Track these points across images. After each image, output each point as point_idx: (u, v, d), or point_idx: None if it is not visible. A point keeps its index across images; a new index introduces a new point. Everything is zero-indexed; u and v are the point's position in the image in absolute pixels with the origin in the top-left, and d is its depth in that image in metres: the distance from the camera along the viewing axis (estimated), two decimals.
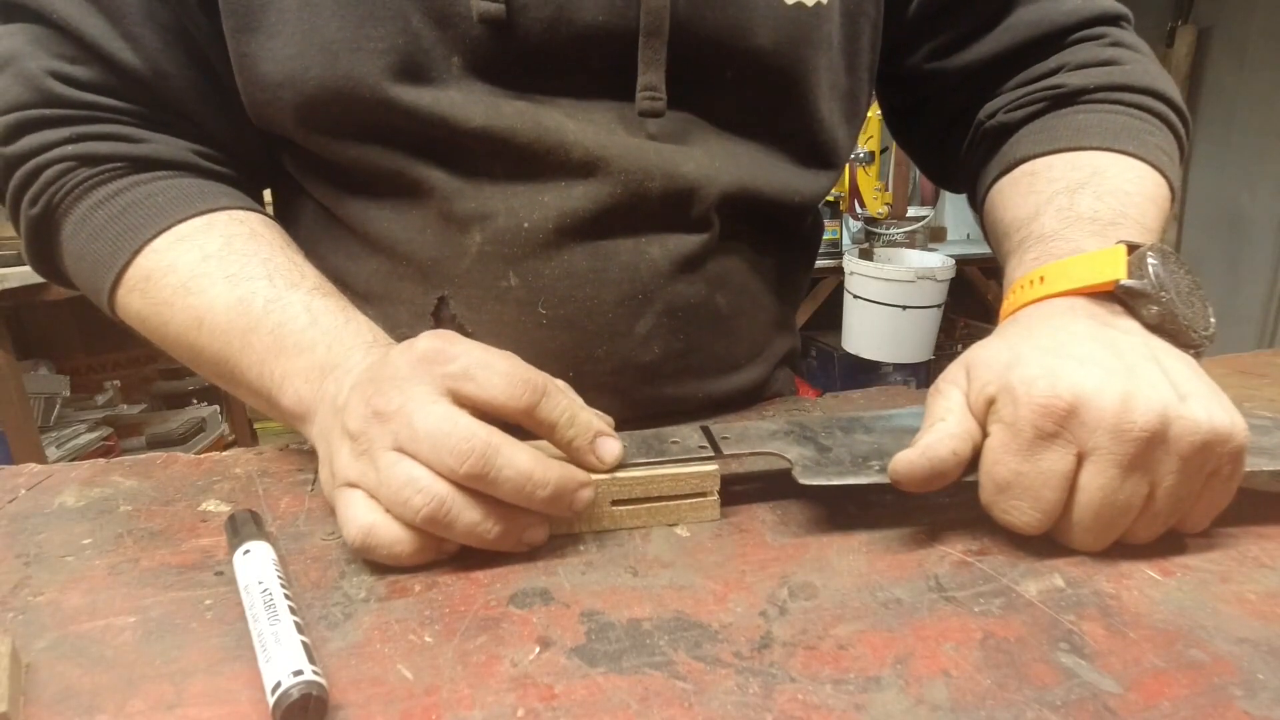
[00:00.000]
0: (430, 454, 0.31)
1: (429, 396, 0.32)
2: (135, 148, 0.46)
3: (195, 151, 0.48)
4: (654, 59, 0.45)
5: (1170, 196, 0.49)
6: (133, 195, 0.45)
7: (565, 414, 0.34)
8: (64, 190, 0.45)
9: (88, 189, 0.45)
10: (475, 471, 0.31)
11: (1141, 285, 0.36)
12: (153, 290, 0.43)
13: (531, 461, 0.32)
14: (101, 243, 0.44)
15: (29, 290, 1.53)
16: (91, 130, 0.45)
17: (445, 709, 0.25)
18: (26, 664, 0.27)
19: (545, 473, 0.32)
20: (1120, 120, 0.51)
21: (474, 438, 0.31)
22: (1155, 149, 0.49)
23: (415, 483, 0.31)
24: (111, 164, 0.45)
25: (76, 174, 0.45)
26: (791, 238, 0.58)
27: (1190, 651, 0.27)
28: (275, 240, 0.46)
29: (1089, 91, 0.52)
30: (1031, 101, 0.54)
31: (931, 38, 0.56)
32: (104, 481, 0.42)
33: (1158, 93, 0.52)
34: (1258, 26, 2.54)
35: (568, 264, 0.46)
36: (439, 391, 0.32)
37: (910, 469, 0.33)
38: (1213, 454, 0.31)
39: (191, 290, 0.42)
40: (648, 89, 0.45)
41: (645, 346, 0.49)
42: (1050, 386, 0.31)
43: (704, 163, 0.47)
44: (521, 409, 0.33)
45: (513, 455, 0.31)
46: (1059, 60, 0.55)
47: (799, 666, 0.26)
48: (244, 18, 0.43)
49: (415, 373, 0.33)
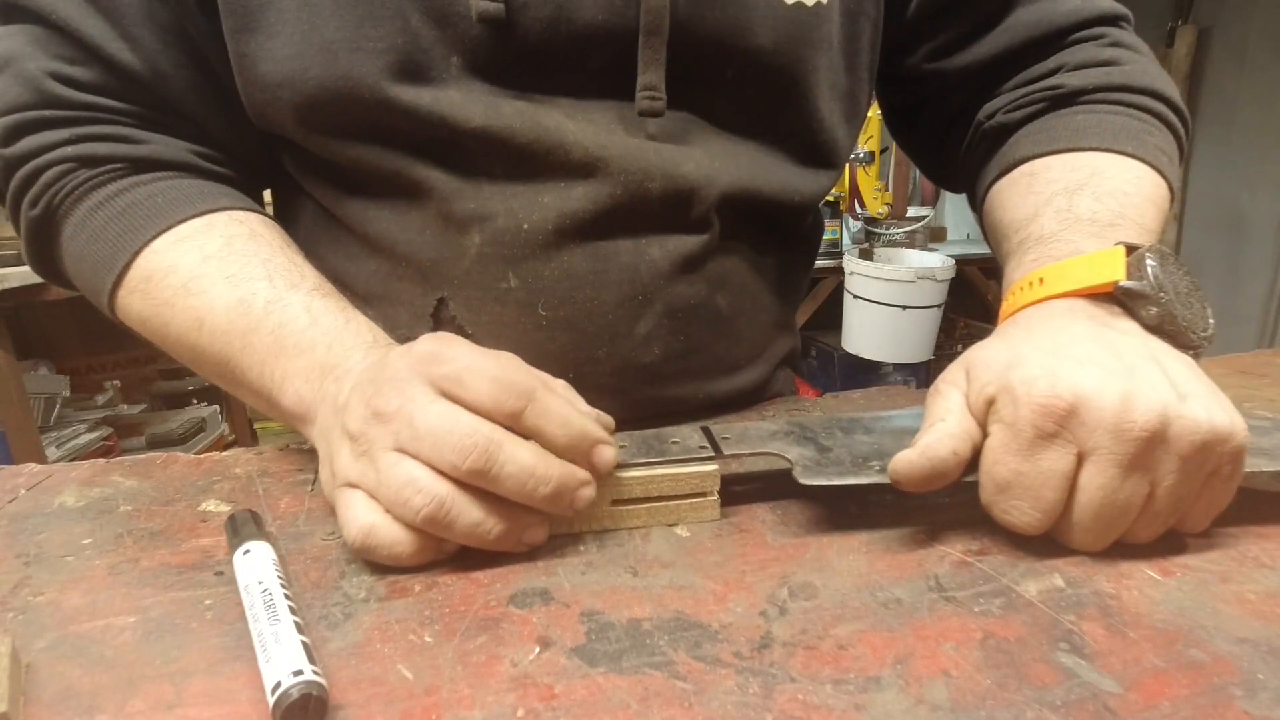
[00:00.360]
0: (432, 452, 0.31)
1: (428, 396, 0.32)
2: (135, 149, 0.46)
3: (194, 152, 0.48)
4: (654, 58, 0.45)
5: (1169, 197, 0.49)
6: (132, 196, 0.45)
7: (557, 420, 0.33)
8: (64, 192, 0.45)
9: (87, 190, 0.45)
10: (478, 467, 0.31)
11: (1140, 286, 0.36)
12: (153, 291, 0.43)
13: (534, 458, 0.32)
14: (101, 244, 0.44)
15: (29, 290, 1.53)
16: (91, 131, 0.45)
17: (445, 709, 0.25)
18: (26, 664, 0.27)
19: (548, 469, 0.32)
20: (1119, 121, 0.51)
21: (476, 434, 0.31)
22: (1154, 149, 0.49)
23: (415, 483, 0.31)
24: (111, 165, 0.45)
25: (76, 175, 0.45)
26: (792, 237, 0.58)
27: (1190, 651, 0.27)
28: (275, 240, 0.46)
29: (1088, 92, 0.52)
30: (1031, 102, 0.54)
31: (931, 38, 0.56)
32: (104, 481, 0.42)
33: (1157, 93, 0.52)
34: (1258, 26, 2.54)
35: (567, 265, 0.46)
36: (437, 392, 0.32)
37: (910, 469, 0.33)
38: (1212, 454, 0.31)
39: (192, 291, 0.42)
40: (647, 89, 0.45)
41: (646, 347, 0.49)
42: (1050, 386, 0.31)
43: (704, 163, 0.47)
44: (506, 414, 0.32)
45: (515, 451, 0.31)
46: (1058, 60, 0.55)
47: (799, 666, 0.26)
48: (243, 18, 0.43)
49: (413, 374, 0.33)
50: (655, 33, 0.44)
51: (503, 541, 0.33)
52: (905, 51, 0.57)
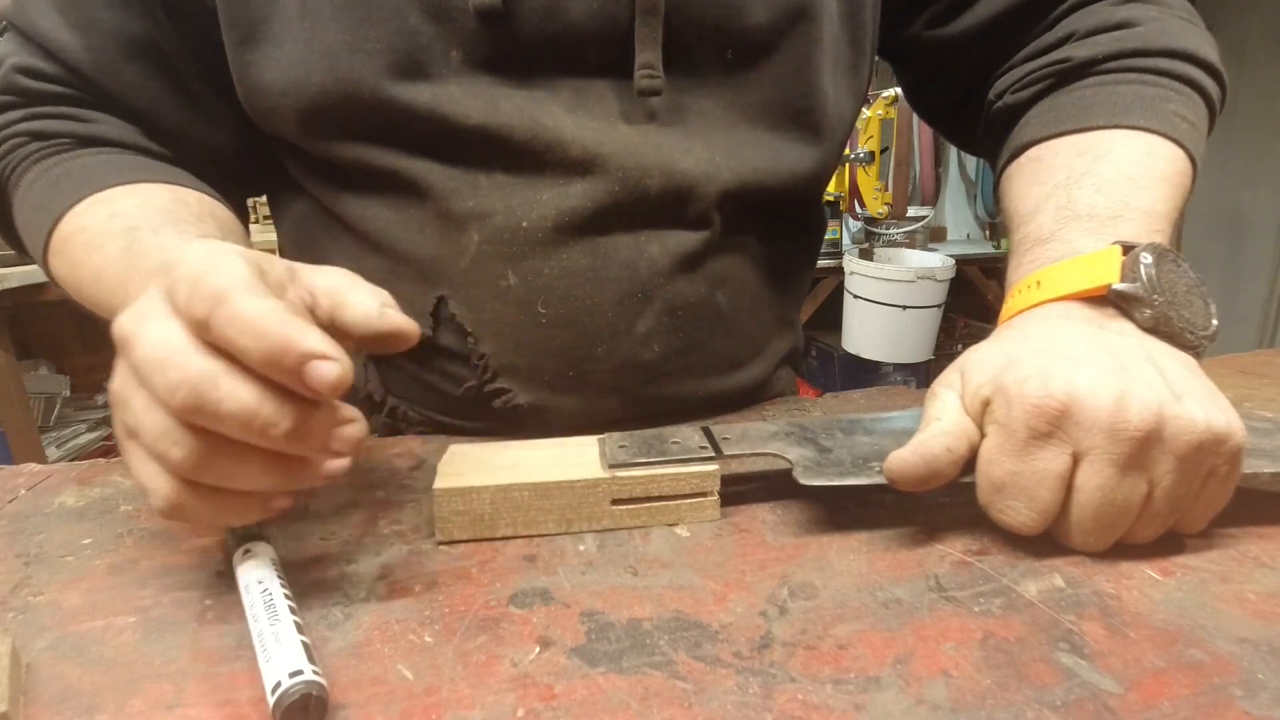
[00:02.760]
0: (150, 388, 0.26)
1: (157, 311, 0.27)
2: (84, 126, 0.48)
3: (142, 134, 0.49)
4: (650, 37, 0.44)
5: (1191, 167, 0.46)
6: (69, 166, 0.46)
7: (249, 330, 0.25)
8: (14, 163, 0.47)
9: (34, 162, 0.47)
10: (189, 405, 0.25)
11: (1134, 289, 0.35)
12: (67, 251, 0.44)
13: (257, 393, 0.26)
14: (38, 212, 0.46)
15: (29, 290, 1.53)
16: (46, 110, 0.47)
17: (445, 709, 0.25)
18: (26, 664, 0.27)
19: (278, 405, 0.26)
20: (1132, 91, 0.48)
21: (186, 365, 0.25)
22: (1170, 117, 0.47)
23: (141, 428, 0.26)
24: (59, 139, 0.47)
25: (27, 147, 0.47)
26: (794, 228, 0.57)
27: (1190, 651, 0.27)
28: (200, 209, 0.45)
29: (1098, 62, 0.50)
30: (1039, 79, 0.52)
31: (928, 3, 0.55)
32: (104, 481, 0.42)
33: (1178, 51, 0.48)
34: (1258, 26, 2.55)
35: (567, 263, 0.46)
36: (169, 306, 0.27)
37: (904, 466, 0.33)
38: (1210, 454, 0.31)
39: (95, 247, 0.42)
40: (645, 67, 0.45)
41: (645, 345, 0.49)
42: (1043, 386, 0.31)
43: (704, 157, 0.47)
44: (194, 325, 0.26)
45: (234, 386, 0.25)
46: (1067, 27, 0.52)
47: (799, 666, 0.26)
48: (247, 29, 0.44)
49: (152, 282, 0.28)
50: (651, 12, 0.44)
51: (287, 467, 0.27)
52: (905, 20, 0.56)
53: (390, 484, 0.41)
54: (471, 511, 0.35)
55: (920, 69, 0.61)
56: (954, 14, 0.55)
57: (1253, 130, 2.60)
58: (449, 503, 0.34)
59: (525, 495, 0.35)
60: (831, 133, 0.52)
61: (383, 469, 0.43)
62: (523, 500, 0.35)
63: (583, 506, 0.35)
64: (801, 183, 0.52)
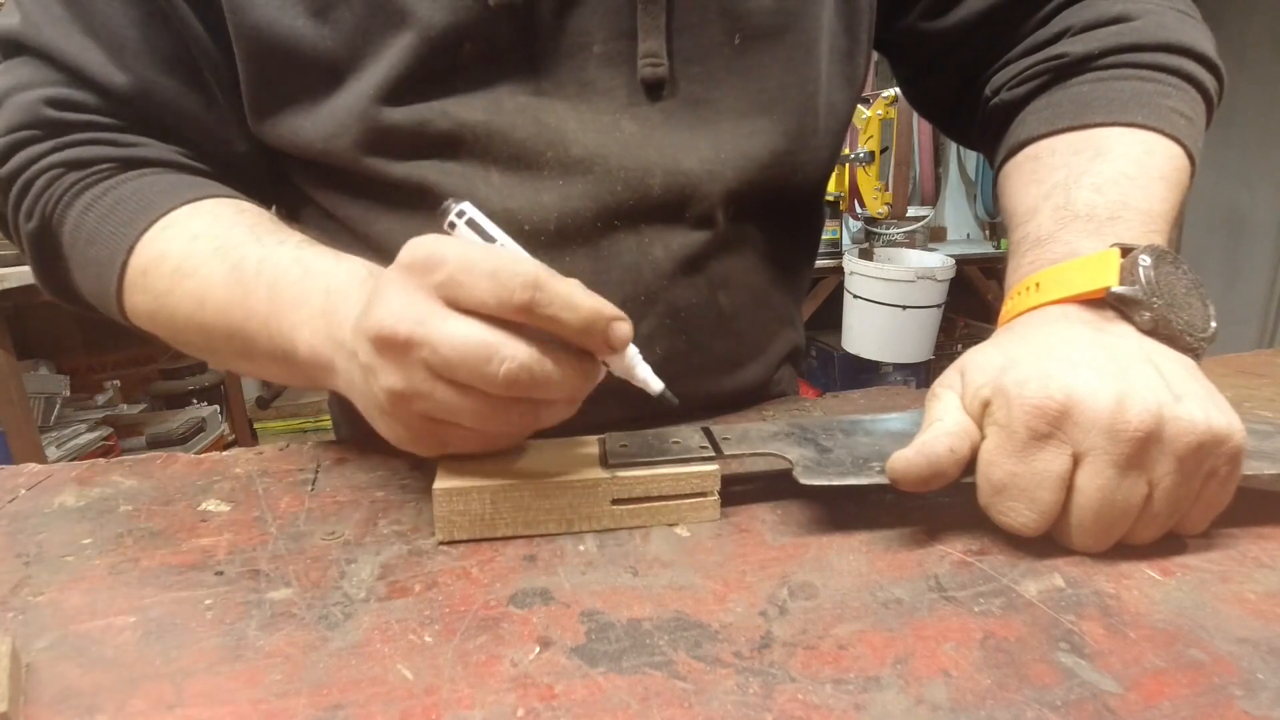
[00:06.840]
0: (469, 378, 0.31)
1: (438, 313, 0.31)
2: (122, 150, 0.46)
3: (182, 154, 0.48)
4: (653, 25, 0.44)
5: (1188, 165, 0.46)
6: (120, 192, 0.45)
7: (565, 304, 0.31)
8: (55, 197, 0.45)
9: (77, 193, 0.45)
10: (517, 394, 0.31)
11: (1132, 292, 0.35)
12: (151, 284, 0.43)
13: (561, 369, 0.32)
14: (98, 246, 0.44)
15: (29, 290, 1.53)
16: (79, 138, 0.45)
17: (445, 709, 0.25)
18: (26, 664, 0.27)
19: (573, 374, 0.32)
20: (1129, 87, 0.48)
21: (513, 359, 0.30)
22: (1168, 113, 0.47)
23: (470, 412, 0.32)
24: (98, 166, 0.45)
25: (65, 179, 0.45)
26: (795, 225, 0.57)
27: (1190, 651, 0.27)
28: (262, 213, 0.45)
29: (1095, 58, 0.49)
30: (1035, 75, 0.52)
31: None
32: (104, 481, 0.42)
33: (1175, 46, 0.48)
34: (1258, 26, 2.54)
35: (569, 266, 0.46)
36: (442, 303, 0.31)
37: (908, 467, 0.33)
38: (1210, 454, 0.31)
39: (185, 273, 0.41)
40: (648, 55, 0.45)
41: (647, 347, 0.48)
42: (1042, 387, 0.31)
43: (708, 156, 0.47)
44: (516, 309, 0.30)
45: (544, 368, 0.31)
46: (1063, 22, 0.52)
47: (799, 666, 0.26)
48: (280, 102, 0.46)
49: (408, 290, 0.31)
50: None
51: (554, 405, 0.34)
52: (901, 12, 0.56)
53: (390, 484, 0.41)
54: (471, 511, 0.35)
55: (916, 62, 0.61)
56: (949, 6, 0.55)
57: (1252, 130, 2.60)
58: (449, 502, 0.34)
59: (525, 495, 0.35)
60: (829, 122, 0.52)
61: (383, 469, 0.43)
62: (523, 500, 0.35)
63: (583, 506, 0.35)
64: (799, 175, 0.52)
